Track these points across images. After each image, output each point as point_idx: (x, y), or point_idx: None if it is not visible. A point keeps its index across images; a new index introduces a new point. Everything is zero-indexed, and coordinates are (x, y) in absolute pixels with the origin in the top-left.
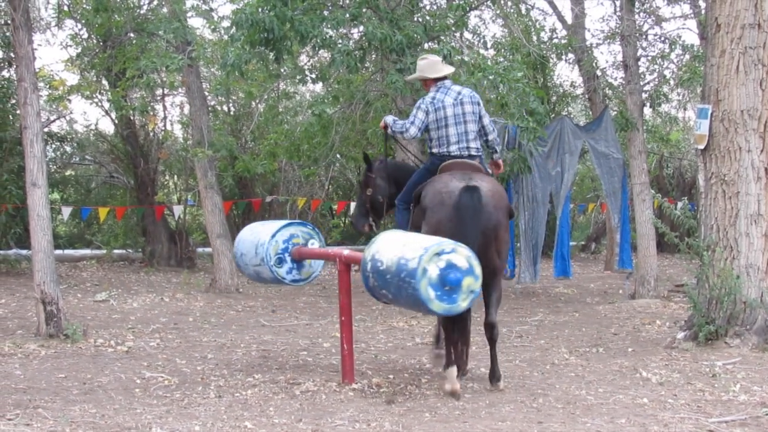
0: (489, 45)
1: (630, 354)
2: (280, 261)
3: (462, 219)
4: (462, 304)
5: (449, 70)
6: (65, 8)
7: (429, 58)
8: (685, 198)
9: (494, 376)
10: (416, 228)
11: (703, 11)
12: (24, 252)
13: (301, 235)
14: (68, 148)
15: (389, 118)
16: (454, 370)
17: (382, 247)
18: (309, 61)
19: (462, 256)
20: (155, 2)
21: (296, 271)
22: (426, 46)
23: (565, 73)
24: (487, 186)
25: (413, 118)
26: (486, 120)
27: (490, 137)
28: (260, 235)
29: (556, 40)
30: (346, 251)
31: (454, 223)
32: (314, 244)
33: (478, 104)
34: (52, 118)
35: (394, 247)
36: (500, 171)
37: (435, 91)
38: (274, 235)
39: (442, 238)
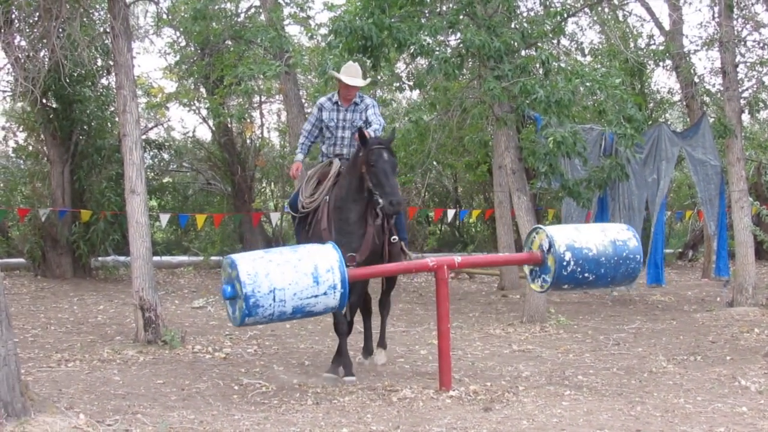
0: (586, 51)
1: (728, 362)
2: None
3: None
4: None
5: None
6: (164, 16)
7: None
8: None
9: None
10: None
11: None
12: (122, 259)
13: None
14: (166, 156)
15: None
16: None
17: (577, 237)
18: (406, 68)
19: None
20: (252, 10)
21: None
22: (523, 52)
23: (663, 80)
24: None
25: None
26: None
27: None
28: (316, 260)
29: (653, 47)
30: (458, 257)
31: None
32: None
33: None
34: (150, 126)
35: (591, 235)
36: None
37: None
38: (339, 258)
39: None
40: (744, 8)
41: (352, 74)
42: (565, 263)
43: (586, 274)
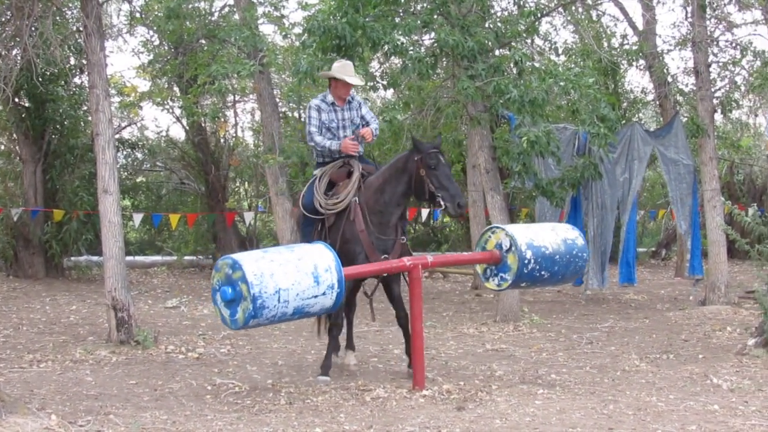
0: (560, 51)
1: (700, 360)
2: None
3: None
4: None
5: None
6: (137, 15)
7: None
8: (755, 204)
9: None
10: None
11: None
12: (95, 258)
13: None
14: (139, 155)
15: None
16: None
17: (534, 236)
18: (380, 67)
19: None
20: (226, 9)
21: None
22: (497, 52)
23: (636, 80)
24: None
25: None
26: None
27: None
28: (315, 259)
29: (627, 46)
30: (430, 257)
31: None
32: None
33: None
34: (123, 125)
35: (545, 234)
36: None
37: None
38: (335, 257)
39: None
40: (717, 8)
41: (348, 73)
42: (526, 261)
43: (543, 272)
